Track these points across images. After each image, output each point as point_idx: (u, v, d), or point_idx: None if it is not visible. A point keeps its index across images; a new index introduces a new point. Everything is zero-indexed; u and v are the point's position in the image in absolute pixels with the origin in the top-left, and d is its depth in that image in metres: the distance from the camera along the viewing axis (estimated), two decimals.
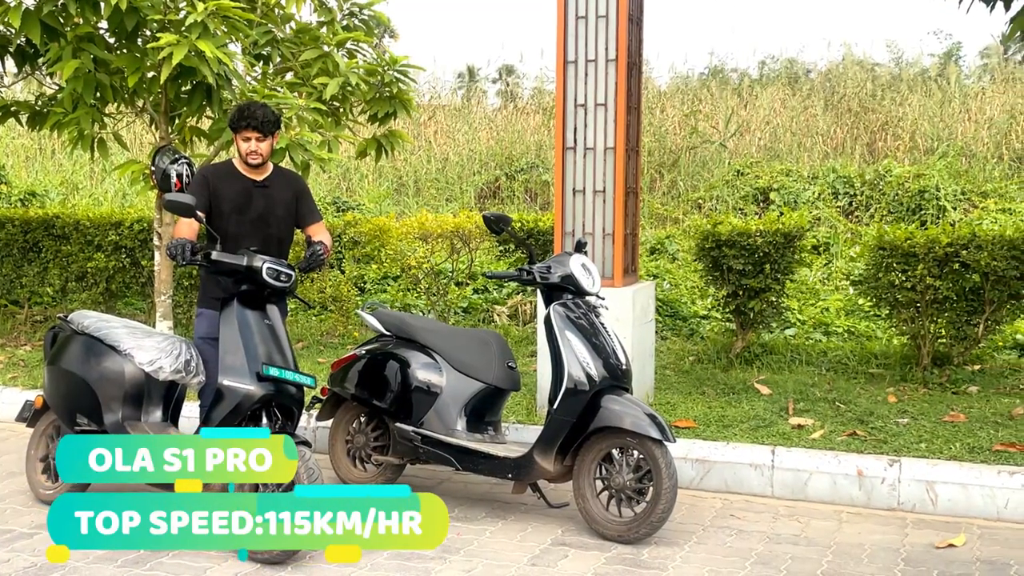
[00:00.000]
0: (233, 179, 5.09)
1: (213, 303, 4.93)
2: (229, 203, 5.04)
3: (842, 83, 18.03)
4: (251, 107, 5.05)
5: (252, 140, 5.03)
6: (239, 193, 5.07)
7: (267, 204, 5.12)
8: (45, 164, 17.00)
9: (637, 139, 6.53)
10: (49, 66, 6.61)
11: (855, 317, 9.05)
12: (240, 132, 5.04)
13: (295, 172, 5.61)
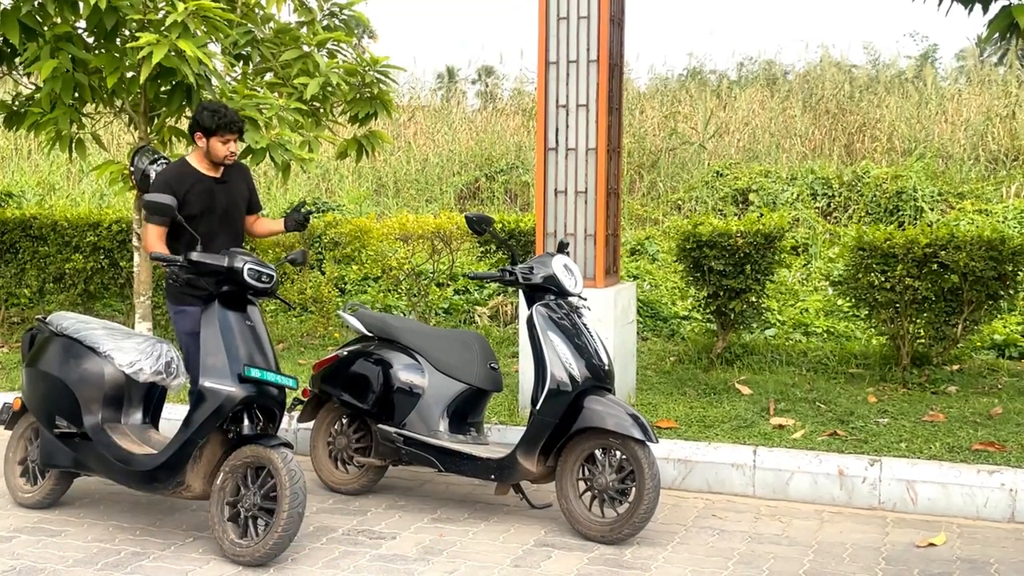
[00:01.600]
0: (195, 180, 5.19)
1: (194, 300, 4.92)
2: (197, 204, 5.13)
3: (820, 85, 18.14)
4: (224, 110, 5.14)
5: (231, 142, 5.16)
6: (204, 192, 5.17)
7: (229, 199, 5.28)
8: (21, 164, 16.86)
9: (619, 140, 6.54)
10: (27, 66, 6.56)
11: (834, 317, 9.10)
12: (217, 134, 5.11)
13: (241, 162, 5.67)
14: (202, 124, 5.14)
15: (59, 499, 5.11)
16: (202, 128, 5.14)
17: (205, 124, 5.13)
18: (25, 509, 5.07)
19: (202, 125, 5.14)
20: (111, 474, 4.72)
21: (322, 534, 4.77)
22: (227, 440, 4.49)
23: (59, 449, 4.85)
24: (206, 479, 4.50)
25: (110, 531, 4.79)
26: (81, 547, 4.57)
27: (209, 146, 5.17)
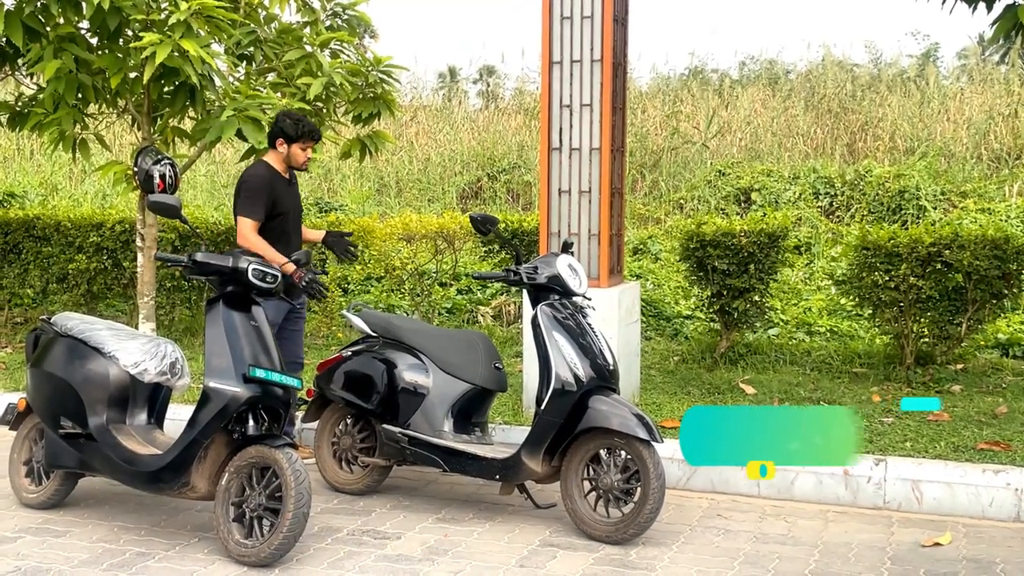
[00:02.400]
0: (280, 182, 5.65)
1: None
2: (283, 204, 5.63)
3: (822, 84, 18.13)
4: (305, 119, 5.61)
5: (310, 149, 5.63)
6: (285, 194, 5.67)
7: (297, 199, 5.83)
8: (24, 165, 16.87)
9: (623, 139, 6.53)
10: (30, 67, 6.56)
11: (837, 317, 9.09)
12: (299, 142, 5.56)
13: None
14: (285, 132, 5.54)
15: (64, 499, 5.10)
16: (284, 135, 5.55)
17: (288, 132, 5.54)
18: (30, 509, 5.07)
19: (285, 133, 5.54)
20: (116, 475, 4.72)
21: (327, 534, 4.77)
22: (232, 440, 4.49)
23: (64, 450, 4.85)
24: (211, 479, 4.50)
25: (115, 531, 4.79)
26: (86, 547, 4.57)
27: (290, 152, 5.58)
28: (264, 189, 5.50)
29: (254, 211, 5.46)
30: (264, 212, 5.49)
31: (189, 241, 8.57)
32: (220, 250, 7.46)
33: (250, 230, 5.46)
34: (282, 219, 5.62)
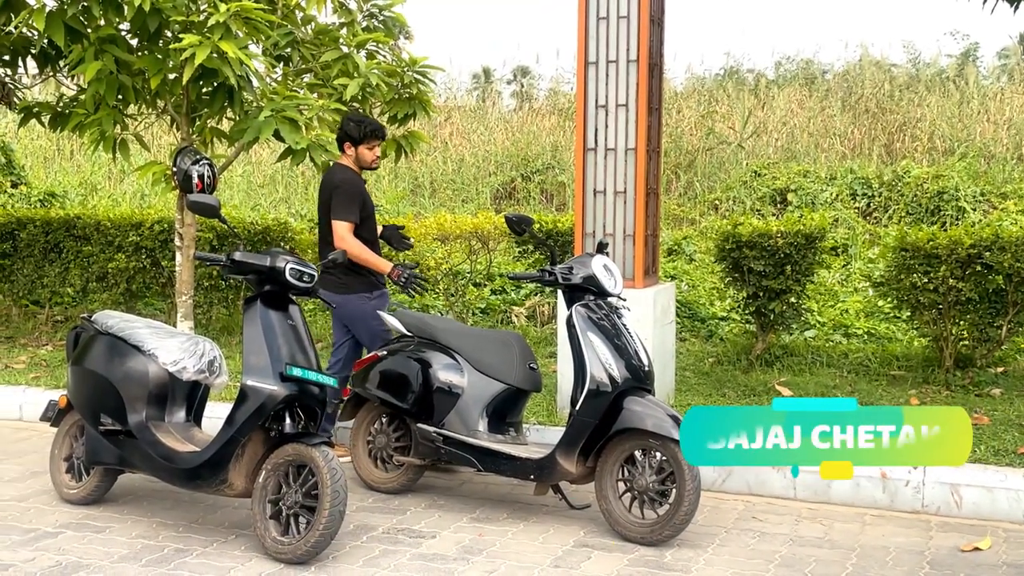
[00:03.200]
0: (362, 183, 5.83)
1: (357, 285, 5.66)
2: (368, 205, 5.81)
3: (859, 84, 17.97)
4: (367, 119, 5.74)
5: (376, 147, 5.75)
6: (366, 195, 5.81)
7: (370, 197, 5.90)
8: (64, 165, 17.09)
9: (658, 140, 6.52)
10: (71, 68, 6.64)
11: (875, 319, 9.01)
12: (364, 143, 5.70)
13: None
14: (350, 135, 5.69)
15: (104, 496, 5.17)
16: (350, 139, 5.69)
17: (352, 135, 5.68)
18: (70, 505, 5.14)
19: (350, 136, 5.69)
20: (155, 471, 4.77)
21: (362, 532, 4.79)
22: (269, 438, 4.52)
23: (104, 446, 4.91)
24: (248, 477, 4.54)
25: (154, 528, 4.84)
26: (125, 543, 4.62)
27: (358, 154, 5.73)
28: (357, 192, 5.69)
29: (350, 214, 5.63)
30: (359, 214, 5.66)
31: (227, 241, 8.64)
32: (257, 250, 7.51)
33: (347, 232, 5.62)
34: (370, 219, 5.81)
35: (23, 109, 7.46)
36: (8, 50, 7.41)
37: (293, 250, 8.68)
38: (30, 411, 6.87)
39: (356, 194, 5.69)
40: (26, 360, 8.08)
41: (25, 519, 4.94)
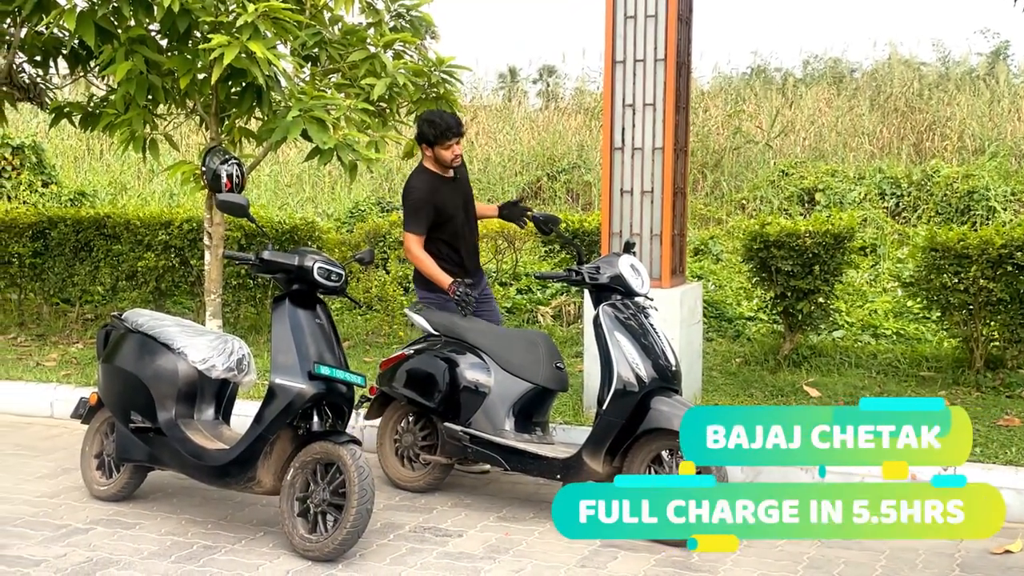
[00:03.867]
0: (440, 185, 5.61)
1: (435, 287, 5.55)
2: (450, 207, 5.60)
3: (888, 82, 17.84)
4: (440, 118, 5.51)
5: (454, 146, 5.53)
6: (449, 195, 5.62)
7: (464, 194, 5.72)
8: (93, 164, 17.24)
9: (685, 139, 6.50)
10: (102, 68, 6.70)
11: (904, 319, 8.94)
12: (439, 143, 5.50)
13: None
14: (424, 137, 5.54)
15: (133, 492, 5.21)
16: (425, 140, 5.54)
17: (427, 137, 5.53)
18: (101, 502, 5.19)
19: (424, 138, 5.54)
20: (184, 469, 4.81)
21: (389, 531, 4.81)
22: (297, 436, 4.55)
23: (134, 443, 4.95)
24: (276, 475, 4.56)
25: (183, 524, 4.88)
26: (155, 540, 4.66)
27: (436, 154, 5.55)
28: (425, 201, 5.52)
29: (416, 226, 5.53)
30: (427, 224, 5.54)
31: (255, 240, 8.69)
32: (285, 249, 7.55)
33: (414, 244, 5.54)
34: (452, 222, 5.62)
35: (54, 109, 7.54)
36: (39, 50, 7.49)
37: (320, 249, 8.73)
38: (61, 408, 6.94)
39: (423, 202, 5.53)
40: (57, 358, 8.16)
41: (56, 515, 4.99)
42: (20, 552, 4.47)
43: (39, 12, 6.64)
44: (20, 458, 6.01)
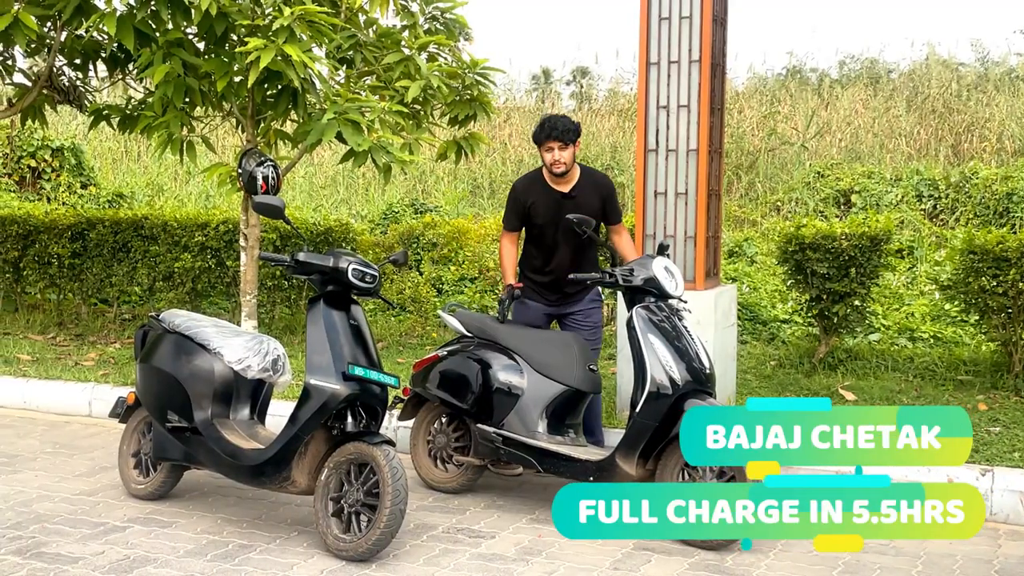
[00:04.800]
0: (542, 193, 5.54)
1: (530, 293, 5.63)
2: (541, 215, 5.55)
3: (926, 83, 17.65)
4: (551, 119, 5.49)
5: (555, 150, 5.40)
6: (548, 207, 5.53)
7: (564, 207, 5.47)
8: (131, 166, 17.43)
9: (720, 140, 6.47)
10: (140, 71, 6.77)
11: (941, 323, 8.84)
12: (543, 144, 5.42)
13: (603, 174, 5.86)
14: (533, 137, 5.50)
15: (170, 491, 5.26)
16: (535, 140, 5.49)
17: (534, 138, 5.49)
18: (138, 500, 5.24)
19: (534, 138, 5.49)
20: (220, 468, 4.85)
21: (422, 531, 4.82)
22: (331, 437, 4.57)
23: (171, 443, 5.00)
24: (311, 475, 4.59)
25: (218, 523, 4.92)
26: (191, 538, 4.71)
27: (541, 156, 5.48)
28: (514, 199, 5.61)
29: (506, 221, 5.69)
30: (515, 222, 5.62)
31: (290, 241, 8.75)
32: (319, 250, 7.59)
33: (503, 237, 5.71)
34: (547, 230, 5.55)
35: (93, 112, 7.64)
36: (79, 54, 7.59)
37: (355, 251, 8.77)
38: (99, 407, 7.03)
39: (517, 201, 5.58)
40: (95, 357, 8.26)
41: (94, 513, 5.05)
42: (59, 549, 4.53)
43: (79, 16, 6.72)
44: (59, 456, 6.10)
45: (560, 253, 5.59)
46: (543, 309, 5.68)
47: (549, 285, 5.63)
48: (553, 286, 5.63)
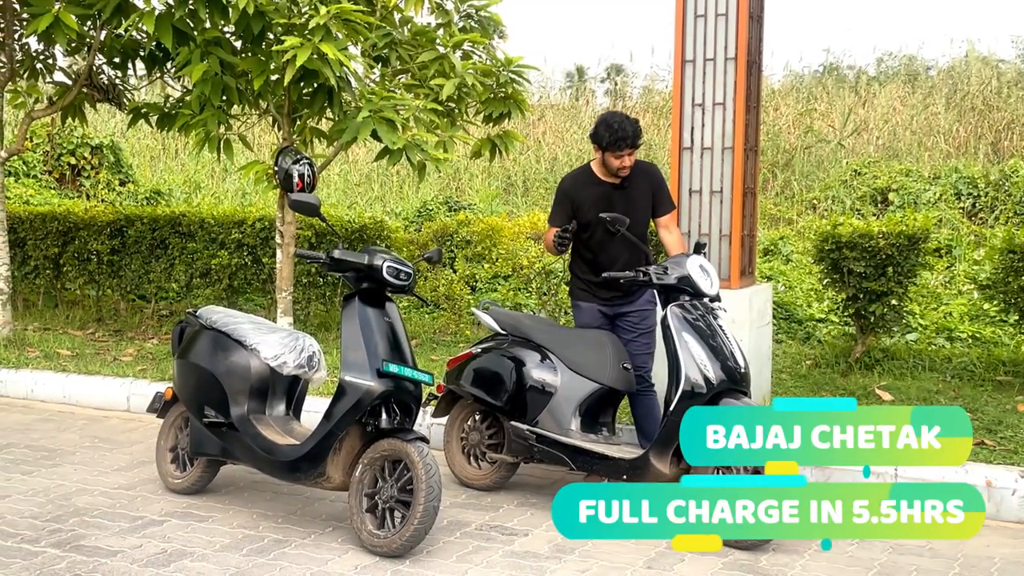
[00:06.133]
0: (592, 186, 5.43)
1: (582, 295, 5.50)
2: (592, 209, 5.36)
3: (965, 80, 17.44)
4: (621, 125, 5.17)
5: (625, 157, 5.24)
6: (599, 198, 5.39)
7: (627, 204, 5.36)
8: (169, 164, 17.61)
9: (756, 139, 6.43)
10: (178, 69, 6.84)
11: (980, 322, 8.74)
12: (610, 151, 5.22)
13: (651, 164, 5.69)
14: (597, 139, 5.26)
15: (207, 486, 5.31)
16: (597, 142, 5.28)
17: (599, 140, 5.25)
18: (175, 494, 5.30)
19: (597, 139, 5.26)
20: (256, 463, 4.89)
21: (456, 528, 4.84)
22: (366, 433, 4.60)
23: (207, 438, 5.05)
24: (345, 471, 4.62)
25: (254, 518, 4.96)
26: (227, 533, 4.75)
27: (604, 159, 5.32)
28: (563, 195, 5.45)
29: (552, 217, 5.52)
30: (563, 220, 5.44)
31: (325, 238, 8.80)
32: (354, 248, 7.65)
33: (546, 234, 5.52)
34: (590, 227, 5.41)
35: (132, 110, 7.74)
36: (118, 52, 7.70)
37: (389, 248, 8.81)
38: (137, 402, 7.11)
39: (561, 197, 5.45)
40: (133, 353, 8.35)
41: (132, 507, 5.11)
42: (97, 543, 4.59)
43: (119, 15, 6.81)
44: (98, 451, 6.18)
45: (612, 253, 5.42)
46: (597, 308, 5.52)
47: (602, 284, 5.43)
48: (607, 284, 5.41)
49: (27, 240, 9.97)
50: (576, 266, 5.61)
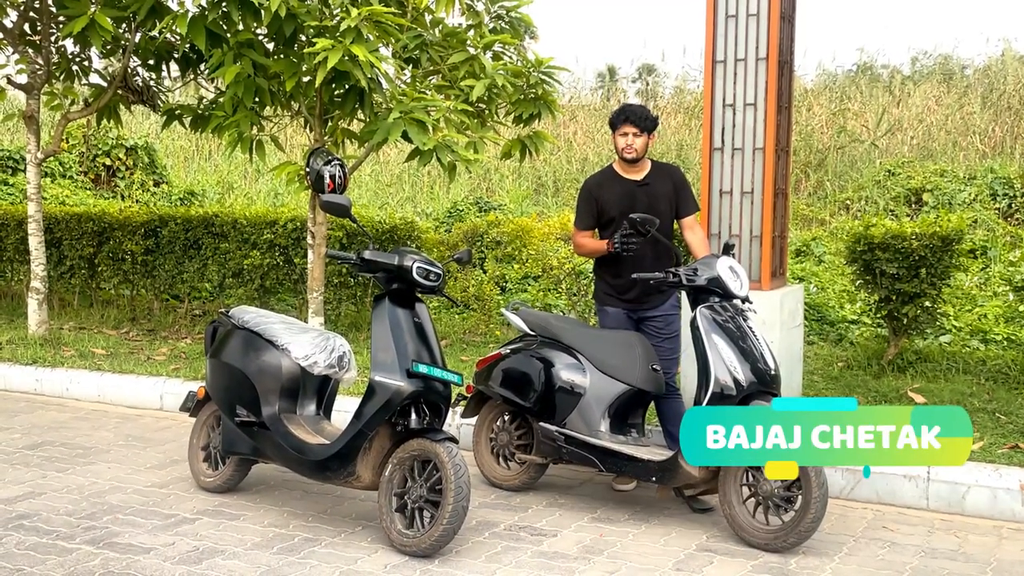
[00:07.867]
0: (614, 183, 5.50)
1: (607, 299, 5.52)
2: (615, 207, 5.44)
3: (1001, 80, 17.25)
4: (630, 105, 5.48)
5: (629, 135, 5.37)
6: (622, 196, 5.46)
7: (650, 201, 5.44)
8: (202, 164, 17.77)
9: (787, 139, 6.39)
10: (211, 71, 6.91)
11: (1015, 324, 8.64)
12: (618, 128, 5.40)
13: (673, 165, 5.83)
14: (609, 123, 5.46)
15: (238, 484, 5.36)
16: (610, 124, 5.46)
17: (610, 121, 5.45)
18: (207, 493, 5.35)
19: (609, 124, 5.46)
20: (286, 462, 4.92)
21: (484, 528, 4.85)
22: (395, 433, 4.61)
23: (239, 437, 5.09)
24: (375, 470, 4.64)
25: (284, 517, 5.00)
26: (258, 531, 4.79)
27: (614, 142, 5.44)
28: (584, 198, 5.52)
29: (577, 221, 5.58)
30: (588, 220, 5.51)
31: (356, 239, 8.85)
32: (385, 248, 7.67)
33: (576, 236, 5.60)
34: (612, 225, 5.44)
35: (166, 111, 7.82)
36: (152, 54, 7.78)
37: (419, 249, 8.84)
38: (170, 401, 7.19)
39: (585, 196, 5.51)
40: (167, 352, 8.44)
41: (165, 505, 5.17)
42: (131, 540, 4.64)
43: (153, 17, 6.89)
44: (132, 449, 6.24)
45: (637, 252, 5.35)
46: (623, 312, 5.53)
47: (626, 286, 5.43)
48: (631, 286, 5.41)
49: (63, 240, 10.10)
50: (602, 270, 5.60)
